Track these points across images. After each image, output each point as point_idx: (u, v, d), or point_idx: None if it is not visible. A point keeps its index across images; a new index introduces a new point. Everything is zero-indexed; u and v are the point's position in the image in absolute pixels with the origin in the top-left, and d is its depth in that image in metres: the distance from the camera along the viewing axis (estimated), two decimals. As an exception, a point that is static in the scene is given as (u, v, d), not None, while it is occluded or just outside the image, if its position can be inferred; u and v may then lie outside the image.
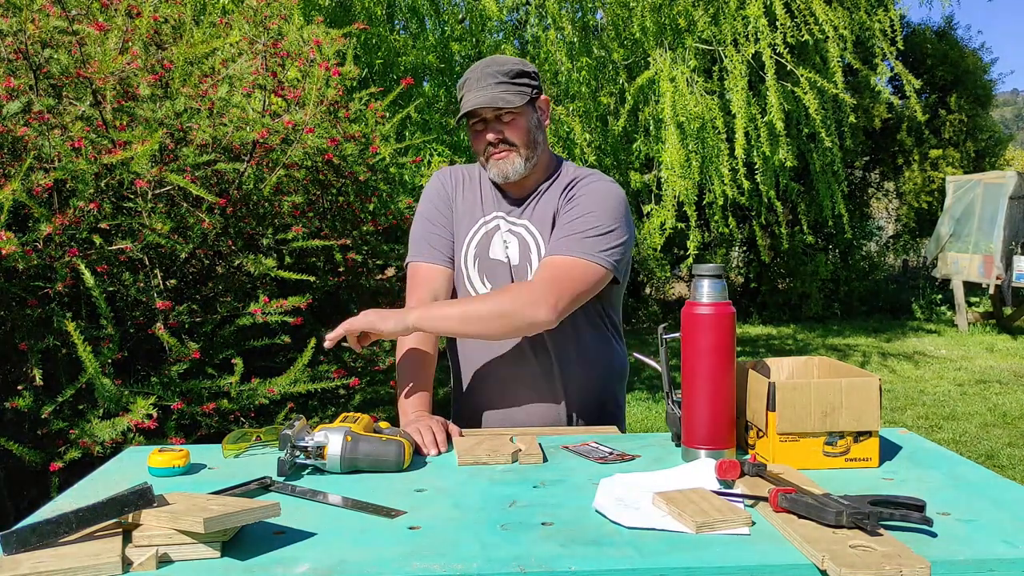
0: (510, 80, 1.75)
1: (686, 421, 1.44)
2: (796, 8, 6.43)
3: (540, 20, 7.10)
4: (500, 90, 1.73)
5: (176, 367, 2.37)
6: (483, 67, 1.76)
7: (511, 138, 1.76)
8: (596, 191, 1.78)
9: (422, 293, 1.82)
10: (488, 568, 1.00)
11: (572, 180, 1.83)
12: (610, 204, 1.76)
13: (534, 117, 1.80)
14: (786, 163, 6.73)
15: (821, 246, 12.79)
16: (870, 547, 1.01)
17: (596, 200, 1.76)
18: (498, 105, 1.71)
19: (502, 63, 1.77)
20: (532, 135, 1.79)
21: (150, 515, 1.05)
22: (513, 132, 1.76)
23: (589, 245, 1.70)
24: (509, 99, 1.72)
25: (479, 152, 1.81)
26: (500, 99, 1.72)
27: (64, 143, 2.26)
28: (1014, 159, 20.33)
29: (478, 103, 1.72)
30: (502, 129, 1.75)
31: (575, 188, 1.81)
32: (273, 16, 3.14)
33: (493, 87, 1.73)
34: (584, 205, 1.75)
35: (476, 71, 1.76)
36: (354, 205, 3.16)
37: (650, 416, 6.00)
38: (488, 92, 1.73)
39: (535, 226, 1.82)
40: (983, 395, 6.76)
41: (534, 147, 1.79)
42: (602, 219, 1.73)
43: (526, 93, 1.76)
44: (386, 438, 1.41)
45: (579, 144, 6.40)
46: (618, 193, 1.81)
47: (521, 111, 1.76)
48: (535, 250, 1.80)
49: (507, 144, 1.76)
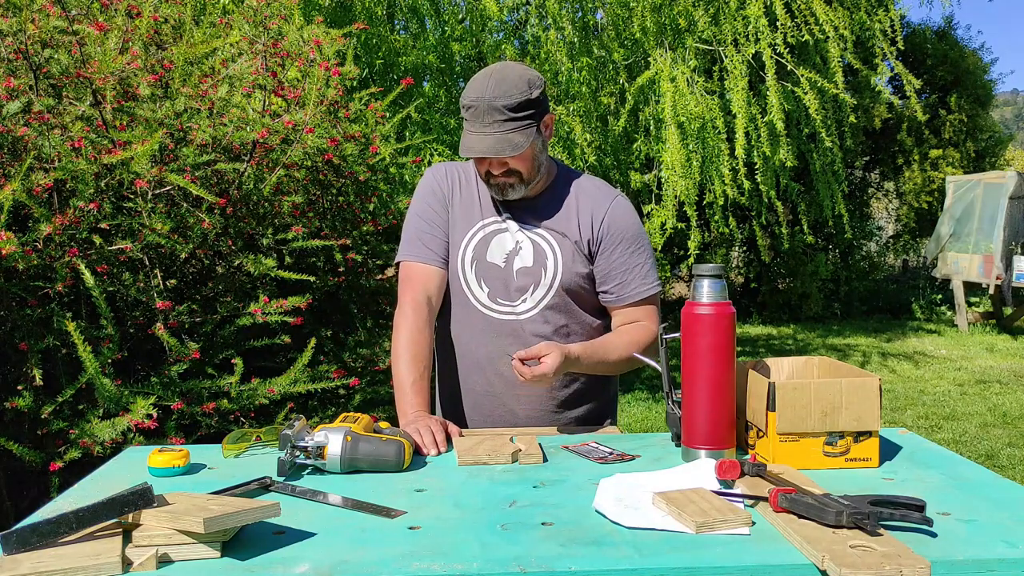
0: (515, 116, 1.68)
1: (686, 421, 1.44)
2: (796, 8, 6.43)
3: (540, 20, 7.10)
4: (505, 129, 1.68)
5: (176, 367, 2.37)
6: (489, 96, 1.67)
7: (515, 168, 1.75)
8: (627, 215, 1.87)
9: (416, 293, 1.82)
10: (488, 568, 1.00)
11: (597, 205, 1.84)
12: (638, 221, 1.90)
13: (539, 143, 1.76)
14: (786, 163, 6.72)
15: (821, 246, 12.78)
16: (870, 547, 1.01)
17: (634, 226, 1.87)
18: (504, 155, 1.68)
19: (507, 90, 1.68)
20: (536, 161, 1.77)
21: (150, 515, 1.05)
22: (517, 163, 1.74)
23: (652, 277, 1.88)
24: (516, 143, 1.68)
25: (480, 174, 1.81)
26: (506, 145, 1.68)
27: (64, 143, 2.26)
28: (1014, 159, 20.34)
29: (483, 151, 1.68)
30: (506, 161, 1.73)
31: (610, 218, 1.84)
32: (273, 16, 3.14)
33: (499, 126, 1.68)
34: (631, 237, 1.86)
35: (481, 100, 1.68)
36: (354, 205, 3.15)
37: (650, 416, 6.00)
38: (493, 134, 1.68)
39: (551, 233, 1.83)
40: (983, 395, 6.76)
41: (537, 170, 1.79)
42: (645, 244, 1.89)
43: (532, 127, 1.71)
44: (386, 438, 1.41)
45: (579, 144, 6.40)
46: (631, 205, 1.91)
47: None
48: (551, 257, 1.82)
49: (510, 173, 1.76)
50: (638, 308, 1.86)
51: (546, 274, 1.81)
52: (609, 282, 1.85)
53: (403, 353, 1.76)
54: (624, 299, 1.85)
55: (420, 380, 1.74)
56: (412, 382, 1.72)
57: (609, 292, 1.86)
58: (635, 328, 1.85)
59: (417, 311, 1.79)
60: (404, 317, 1.79)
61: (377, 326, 3.31)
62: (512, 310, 1.83)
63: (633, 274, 1.85)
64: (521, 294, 1.82)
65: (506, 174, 1.75)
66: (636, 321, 1.86)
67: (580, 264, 1.83)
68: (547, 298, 1.82)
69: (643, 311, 1.87)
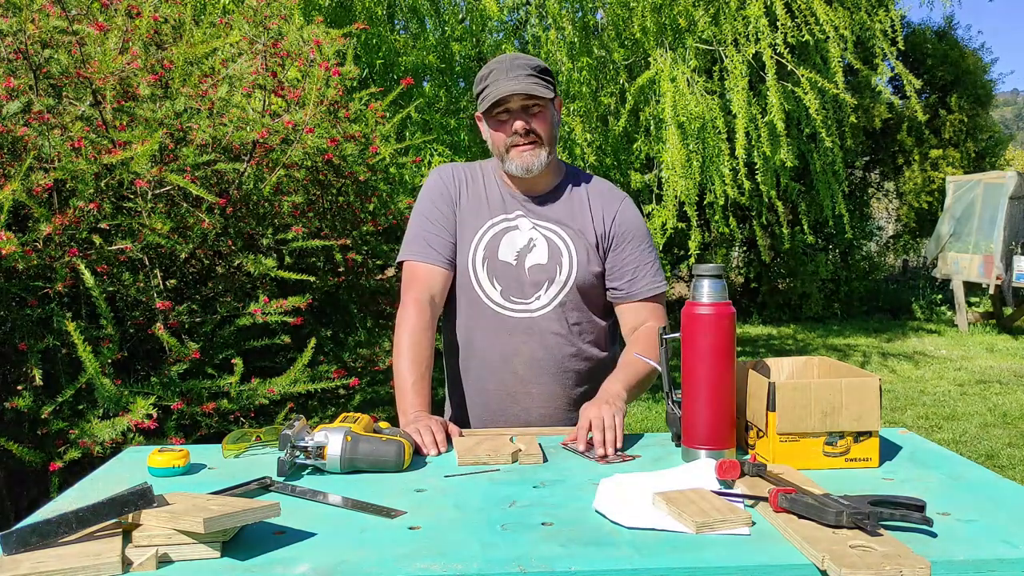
0: (538, 74, 1.78)
1: (686, 421, 1.44)
2: (797, 8, 6.43)
3: (540, 20, 7.11)
4: (532, 81, 1.75)
5: (176, 367, 2.37)
6: (511, 60, 1.80)
7: (538, 129, 1.78)
8: (636, 214, 1.91)
9: (419, 293, 1.82)
10: (488, 568, 1.00)
11: (608, 203, 1.88)
12: (645, 224, 1.94)
13: (555, 115, 1.84)
14: (787, 163, 6.72)
15: (821, 246, 12.78)
16: (870, 547, 1.01)
17: (642, 225, 1.91)
18: (534, 92, 1.74)
19: (527, 58, 1.80)
20: (554, 130, 1.83)
21: (150, 515, 1.05)
22: (540, 124, 1.78)
23: (660, 276, 1.91)
24: (542, 91, 1.75)
25: (501, 144, 1.81)
26: (534, 88, 1.74)
27: (64, 143, 2.26)
28: (1014, 159, 20.33)
29: (514, 89, 1.73)
30: (529, 120, 1.78)
31: (621, 217, 1.88)
32: (273, 16, 3.14)
33: (525, 78, 1.75)
34: (640, 236, 1.90)
35: (503, 63, 1.79)
36: (354, 205, 3.15)
37: (650, 416, 6.00)
38: (521, 81, 1.74)
39: (564, 230, 1.85)
40: (983, 395, 6.76)
41: (553, 144, 1.84)
42: (651, 244, 1.92)
43: (551, 89, 1.79)
44: (386, 438, 1.41)
45: (580, 144, 6.40)
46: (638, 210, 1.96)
47: (547, 105, 1.79)
48: (566, 254, 1.83)
49: (534, 135, 1.78)
50: (646, 305, 1.88)
51: (561, 271, 1.82)
52: (620, 278, 1.86)
53: (405, 353, 1.76)
54: (634, 295, 1.87)
55: (421, 380, 1.73)
56: (413, 382, 1.72)
57: (619, 288, 1.87)
58: (647, 334, 1.84)
59: (420, 311, 1.79)
60: (407, 317, 1.79)
61: (377, 326, 3.32)
62: (526, 307, 1.83)
63: (643, 271, 1.87)
64: (535, 291, 1.82)
65: (528, 135, 1.78)
66: (643, 320, 1.87)
67: (595, 263, 1.84)
68: (561, 295, 1.83)
69: (650, 309, 1.88)
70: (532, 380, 1.83)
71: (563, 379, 1.84)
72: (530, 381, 1.83)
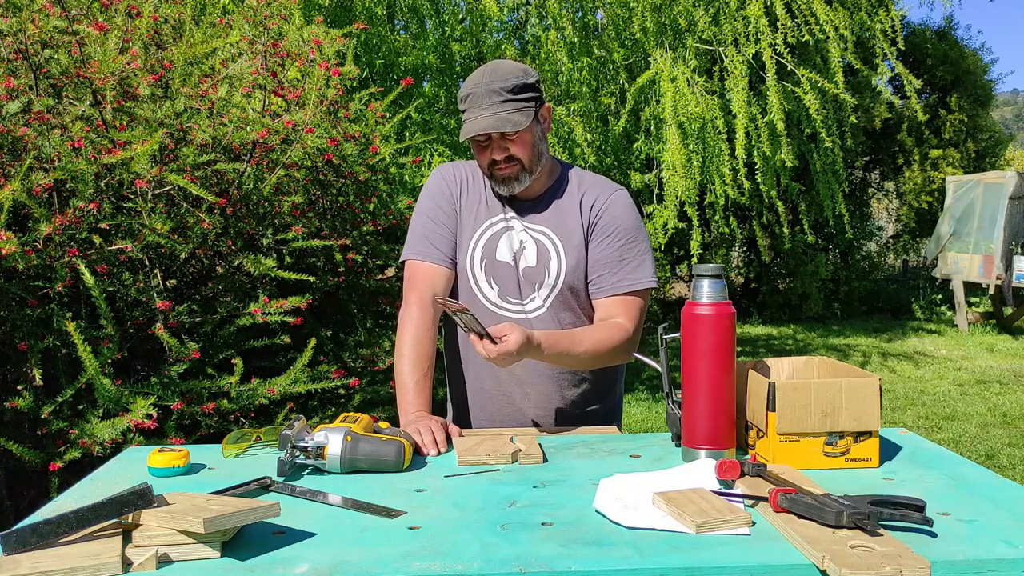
0: (514, 97, 1.71)
1: (686, 421, 1.44)
2: (797, 8, 6.43)
3: (540, 20, 7.10)
4: (506, 109, 1.70)
5: (176, 367, 2.37)
6: (486, 82, 1.71)
7: (516, 154, 1.75)
8: (624, 209, 1.84)
9: (422, 292, 1.81)
10: (488, 568, 1.00)
11: (595, 196, 1.84)
12: (637, 218, 1.86)
13: (538, 130, 1.78)
14: (787, 163, 6.72)
15: (821, 246, 12.78)
16: (870, 547, 1.01)
17: (629, 220, 1.84)
18: (505, 129, 1.69)
19: (504, 75, 1.72)
20: (536, 148, 1.78)
21: (150, 515, 1.05)
22: (518, 148, 1.74)
23: (640, 274, 1.82)
24: (516, 120, 1.70)
25: (483, 167, 1.81)
26: (507, 122, 1.69)
27: (64, 143, 2.26)
28: (1014, 159, 20.33)
29: (485, 127, 1.69)
30: (507, 146, 1.74)
31: (606, 209, 1.82)
32: (273, 16, 3.14)
33: (499, 106, 1.70)
34: (624, 230, 1.82)
35: (479, 86, 1.72)
36: (354, 205, 3.15)
37: (650, 416, 6.00)
38: (493, 114, 1.70)
39: (554, 232, 1.83)
40: (983, 395, 6.76)
41: (538, 159, 1.79)
42: (639, 240, 1.84)
43: (530, 109, 1.73)
44: (386, 438, 1.41)
45: (580, 144, 6.40)
46: (633, 202, 1.88)
47: (526, 128, 1.73)
48: (554, 256, 1.81)
49: (512, 160, 1.76)
50: (617, 301, 1.81)
51: (549, 274, 1.81)
52: (593, 272, 1.82)
53: (407, 352, 1.76)
54: (604, 290, 1.81)
55: (423, 380, 1.73)
56: (415, 382, 1.72)
57: (592, 283, 1.83)
58: (607, 325, 1.78)
59: (423, 310, 1.79)
60: (410, 316, 1.79)
61: (377, 326, 3.32)
62: (522, 308, 1.83)
63: (618, 267, 1.81)
64: (530, 292, 1.82)
65: (508, 160, 1.75)
66: (611, 317, 1.80)
67: (584, 265, 1.83)
68: (551, 297, 1.82)
69: (622, 305, 1.81)
70: (528, 381, 1.83)
71: (558, 380, 1.84)
72: (526, 382, 1.83)
